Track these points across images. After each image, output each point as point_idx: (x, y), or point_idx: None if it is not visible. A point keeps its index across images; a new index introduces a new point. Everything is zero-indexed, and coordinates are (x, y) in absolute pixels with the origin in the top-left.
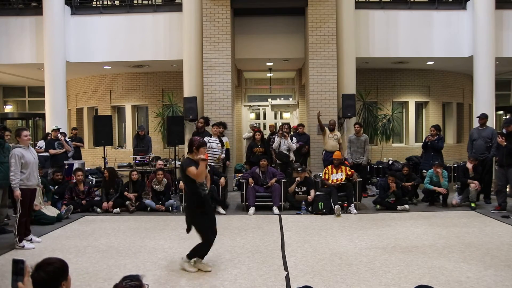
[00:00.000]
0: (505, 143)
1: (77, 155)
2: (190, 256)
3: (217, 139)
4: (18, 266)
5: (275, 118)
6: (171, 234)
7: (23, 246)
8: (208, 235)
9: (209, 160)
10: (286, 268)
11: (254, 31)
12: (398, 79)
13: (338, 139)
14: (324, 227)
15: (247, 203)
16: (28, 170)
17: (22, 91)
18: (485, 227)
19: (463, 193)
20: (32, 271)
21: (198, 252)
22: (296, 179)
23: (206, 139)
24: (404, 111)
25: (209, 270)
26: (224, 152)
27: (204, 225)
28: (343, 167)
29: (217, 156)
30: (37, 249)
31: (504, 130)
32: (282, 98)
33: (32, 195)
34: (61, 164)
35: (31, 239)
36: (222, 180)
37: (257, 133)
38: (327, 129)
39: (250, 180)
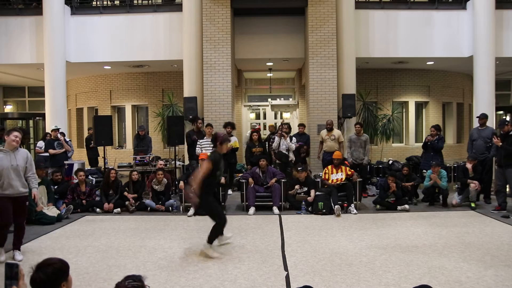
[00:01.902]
0: (501, 144)
1: (95, 154)
2: (210, 240)
3: (209, 140)
4: (12, 270)
5: (275, 118)
6: (171, 234)
7: None
8: (218, 212)
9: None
10: (286, 268)
11: (254, 31)
12: (398, 79)
13: (338, 138)
14: (324, 227)
15: (247, 203)
16: (1, 179)
17: (22, 91)
18: (485, 227)
19: (463, 193)
20: (32, 272)
21: (215, 232)
22: (296, 186)
23: (200, 141)
24: (404, 111)
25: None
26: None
27: (211, 204)
28: (343, 167)
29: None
30: (37, 249)
31: (501, 131)
32: (282, 98)
33: (15, 203)
34: (61, 164)
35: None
36: (222, 179)
37: (254, 133)
38: (322, 132)
39: (250, 180)
